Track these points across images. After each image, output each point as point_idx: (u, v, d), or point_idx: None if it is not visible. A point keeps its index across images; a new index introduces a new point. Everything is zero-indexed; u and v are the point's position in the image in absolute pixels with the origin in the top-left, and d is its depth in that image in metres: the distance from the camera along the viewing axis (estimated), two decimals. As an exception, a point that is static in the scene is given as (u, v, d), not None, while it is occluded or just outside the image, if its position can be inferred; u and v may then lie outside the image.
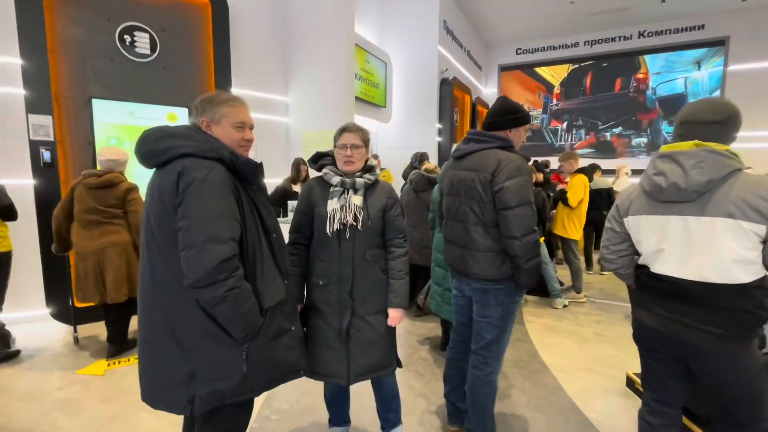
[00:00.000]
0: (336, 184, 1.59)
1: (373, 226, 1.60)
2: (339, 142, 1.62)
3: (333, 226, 1.55)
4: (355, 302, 1.60)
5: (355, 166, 1.61)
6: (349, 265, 1.59)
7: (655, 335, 1.45)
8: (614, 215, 1.55)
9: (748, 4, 7.41)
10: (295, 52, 4.72)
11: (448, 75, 7.28)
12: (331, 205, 1.57)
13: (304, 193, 1.69)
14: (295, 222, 1.69)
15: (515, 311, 1.79)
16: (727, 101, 1.31)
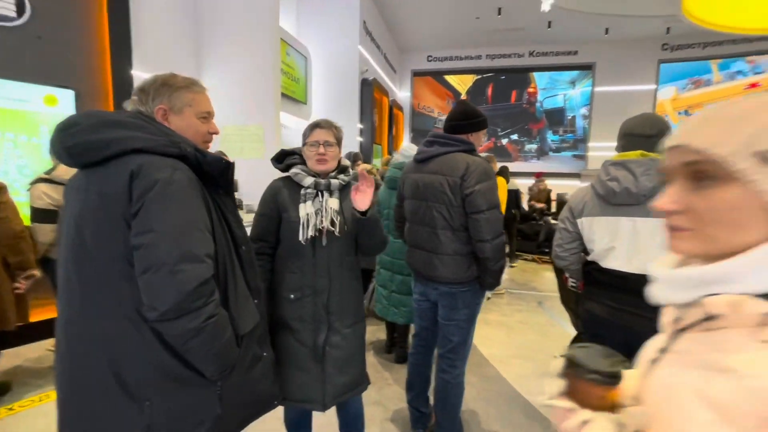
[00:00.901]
0: (309, 185, 1.43)
1: (350, 230, 1.48)
2: (310, 139, 1.45)
3: (307, 233, 1.39)
4: (332, 316, 1.46)
5: (329, 165, 1.47)
6: (326, 275, 1.44)
7: (605, 324, 1.61)
8: (567, 216, 1.69)
9: (610, 37, 8.97)
10: (208, 34, 4.22)
11: (368, 76, 7.31)
12: (304, 209, 1.40)
13: (268, 195, 1.49)
14: (259, 229, 1.48)
15: (479, 311, 1.84)
16: (659, 117, 1.53)
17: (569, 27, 8.59)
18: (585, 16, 7.83)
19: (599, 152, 9.77)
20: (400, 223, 2.02)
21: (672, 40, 9.13)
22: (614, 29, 8.56)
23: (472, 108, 1.79)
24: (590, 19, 7.98)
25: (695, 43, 9.07)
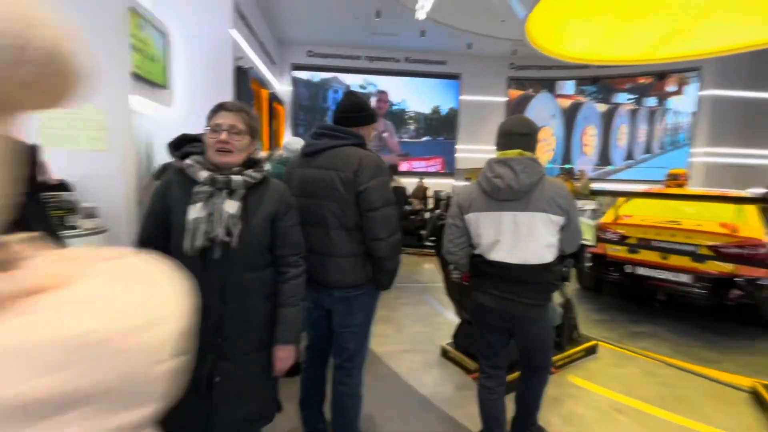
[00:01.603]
0: (203, 181, 1.13)
1: (257, 241, 1.22)
2: (211, 123, 1.17)
3: (194, 242, 1.09)
4: (225, 342, 1.19)
5: (233, 158, 1.19)
6: (217, 296, 1.17)
7: (491, 312, 1.71)
8: (456, 213, 1.74)
9: (472, 52, 10.11)
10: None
11: (244, 64, 6.69)
12: (193, 212, 1.10)
13: (157, 191, 1.18)
14: (145, 232, 1.19)
15: (374, 314, 1.76)
16: (530, 119, 1.67)
17: (439, 38, 9.38)
18: (452, 30, 8.65)
19: (466, 154, 10.97)
20: None
21: (517, 61, 10.78)
22: (476, 45, 9.66)
23: (361, 100, 1.70)
24: (456, 34, 8.85)
25: (534, 65, 10.89)
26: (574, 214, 1.59)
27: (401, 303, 4.20)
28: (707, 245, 3.44)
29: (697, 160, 9.82)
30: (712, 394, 2.57)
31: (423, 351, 3.07)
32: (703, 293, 3.50)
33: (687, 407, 2.41)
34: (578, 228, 1.61)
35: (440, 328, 3.49)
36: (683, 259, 3.54)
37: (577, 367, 2.89)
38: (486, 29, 8.60)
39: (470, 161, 10.42)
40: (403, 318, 3.80)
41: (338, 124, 1.65)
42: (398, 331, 3.47)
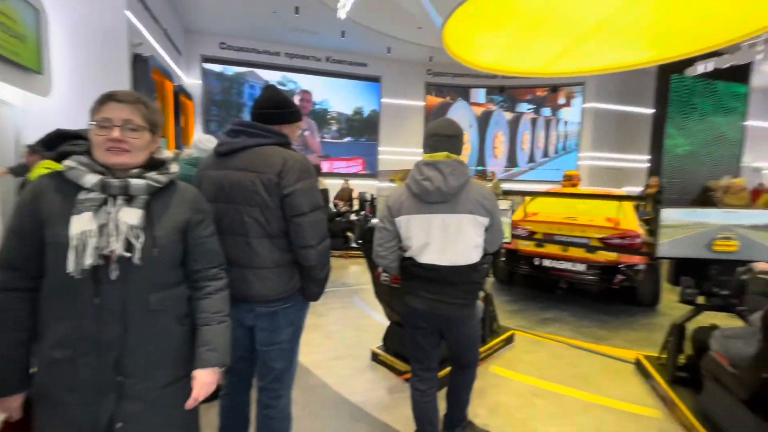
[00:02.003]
0: (91, 187, 0.92)
1: (165, 255, 1.02)
2: (98, 116, 0.95)
3: (82, 261, 0.88)
4: (128, 379, 0.98)
5: (130, 158, 0.98)
6: (118, 323, 0.96)
7: (422, 315, 1.71)
8: (386, 216, 1.71)
9: (392, 56, 10.35)
10: None
11: (143, 51, 5.93)
12: (78, 224, 0.89)
13: (25, 202, 0.94)
14: (8, 252, 0.94)
15: (304, 327, 1.64)
16: (455, 122, 1.70)
17: (360, 40, 9.42)
18: (372, 33, 8.75)
19: (388, 155, 11.19)
20: None
21: (434, 67, 11.33)
22: (394, 49, 9.90)
23: (284, 96, 1.57)
24: (376, 37, 8.97)
25: (449, 73, 11.54)
26: (497, 214, 1.66)
27: (329, 308, 4.08)
28: (597, 237, 3.94)
29: (583, 163, 11.33)
30: (606, 369, 2.93)
31: (353, 356, 3.01)
32: (594, 279, 3.99)
33: (588, 384, 2.71)
34: (501, 228, 1.69)
35: (370, 332, 3.46)
36: (579, 250, 4.01)
37: (497, 357, 3.08)
38: (404, 35, 8.86)
39: (392, 163, 10.66)
40: (331, 324, 3.69)
41: (258, 121, 1.50)
42: (326, 338, 3.35)
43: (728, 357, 1.97)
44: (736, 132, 9.43)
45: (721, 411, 2.03)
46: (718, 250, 2.56)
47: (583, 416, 2.33)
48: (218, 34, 9.41)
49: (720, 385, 2.04)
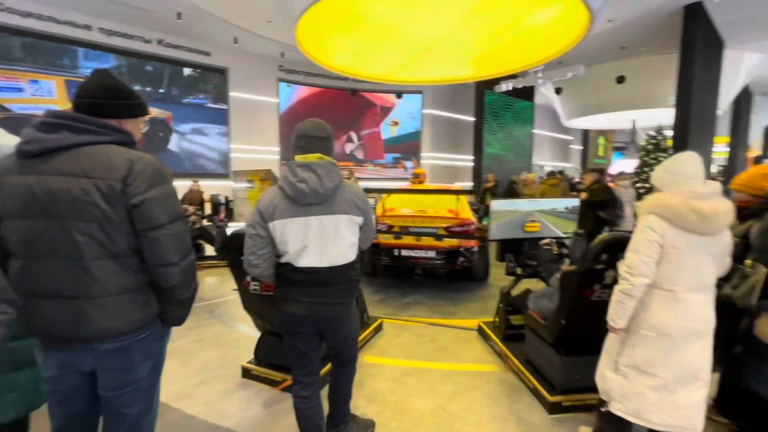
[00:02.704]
0: None
1: None
2: None
3: None
4: None
5: None
6: None
7: (302, 320, 1.68)
8: (258, 221, 1.61)
9: (239, 47, 9.61)
10: None
11: None
12: None
13: None
14: None
15: (164, 357, 1.41)
16: (325, 123, 1.71)
17: (201, 25, 8.42)
18: (215, 20, 7.93)
19: (241, 154, 10.40)
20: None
21: (286, 64, 11.04)
22: (242, 40, 9.22)
23: (121, 83, 1.28)
24: (220, 24, 8.17)
25: (301, 71, 11.43)
26: (370, 213, 1.75)
27: (185, 328, 3.54)
28: (443, 227, 4.56)
29: (425, 162, 12.87)
30: (458, 339, 3.43)
31: (220, 378, 2.72)
32: (442, 263, 4.62)
33: (446, 354, 3.13)
34: (373, 225, 1.80)
35: (237, 347, 3.19)
36: (429, 239, 4.56)
37: (370, 346, 3.26)
38: (252, 26, 8.34)
39: (246, 162, 9.96)
40: (190, 346, 3.25)
41: (85, 113, 1.19)
42: (186, 364, 2.94)
43: (540, 312, 2.57)
44: (527, 138, 12.22)
45: (537, 355, 2.63)
46: (528, 231, 3.30)
47: (444, 384, 2.68)
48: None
49: (536, 335, 2.65)
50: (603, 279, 2.12)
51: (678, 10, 7.45)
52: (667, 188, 1.69)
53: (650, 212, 1.67)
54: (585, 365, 2.23)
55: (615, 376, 1.83)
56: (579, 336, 2.32)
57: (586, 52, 9.11)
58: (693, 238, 1.61)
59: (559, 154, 18.99)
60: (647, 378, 1.72)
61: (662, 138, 7.31)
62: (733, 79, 10.32)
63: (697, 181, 1.64)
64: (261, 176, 4.46)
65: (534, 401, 2.46)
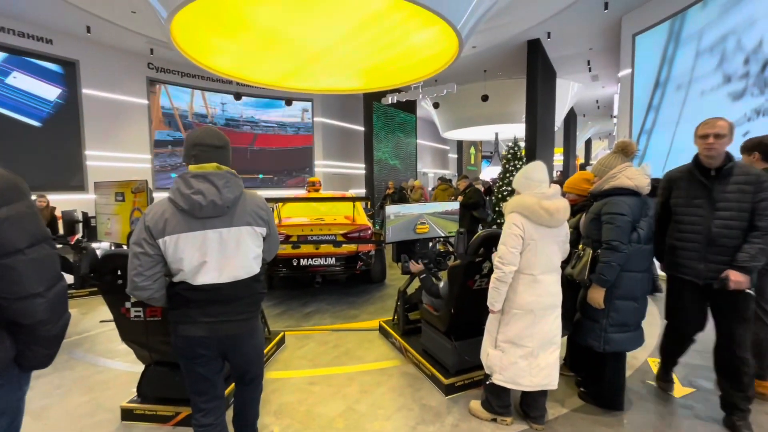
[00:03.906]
0: None
1: None
2: None
3: None
4: None
5: None
6: None
7: (202, 342, 1.57)
8: (145, 238, 1.45)
9: (94, 38, 8.20)
10: None
11: None
12: None
13: None
14: None
15: (23, 410, 1.17)
16: (220, 131, 1.63)
17: (38, 7, 6.95)
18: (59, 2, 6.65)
19: (97, 162, 8.86)
20: None
21: (156, 62, 9.83)
22: (97, 31, 7.91)
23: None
24: (67, 9, 6.88)
25: (176, 70, 10.32)
26: (274, 223, 1.73)
27: (36, 376, 2.89)
28: (341, 233, 4.66)
29: (318, 170, 12.86)
30: (361, 341, 3.55)
31: (91, 426, 2.31)
32: (342, 269, 4.71)
33: (350, 357, 3.22)
34: (277, 236, 1.77)
35: (110, 387, 2.74)
36: (328, 246, 4.61)
37: (273, 361, 3.15)
38: (110, 15, 7.24)
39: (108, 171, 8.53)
40: (42, 397, 2.66)
41: None
42: (38, 419, 2.40)
43: (432, 305, 2.85)
44: (412, 148, 13.23)
45: (433, 344, 2.90)
46: (419, 232, 3.62)
47: (349, 386, 2.75)
48: None
49: (430, 326, 2.92)
50: (481, 270, 2.48)
51: (523, 43, 9.03)
52: (524, 191, 2.08)
53: (513, 211, 2.04)
54: (471, 347, 2.56)
55: (495, 352, 2.15)
56: (466, 321, 2.65)
57: (457, 72, 10.34)
58: (544, 230, 2.02)
59: (439, 162, 20.98)
60: (519, 349, 2.08)
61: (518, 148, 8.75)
62: (563, 102, 12.93)
63: (545, 184, 2.06)
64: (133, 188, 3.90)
65: (432, 386, 2.71)
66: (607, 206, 2.16)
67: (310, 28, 5.29)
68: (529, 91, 9.16)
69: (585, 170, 2.85)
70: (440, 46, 5.89)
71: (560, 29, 8.23)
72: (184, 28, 4.99)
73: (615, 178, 2.20)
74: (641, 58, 7.21)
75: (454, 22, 4.70)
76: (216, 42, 5.85)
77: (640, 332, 2.30)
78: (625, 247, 2.08)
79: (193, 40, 5.70)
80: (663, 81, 6.65)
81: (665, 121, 6.56)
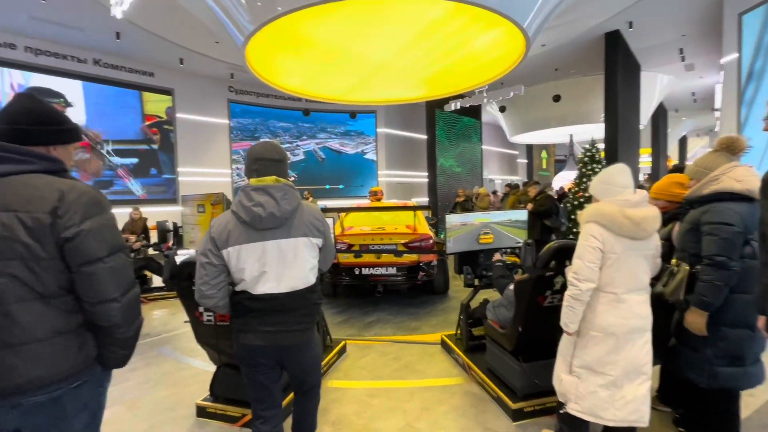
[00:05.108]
0: None
1: None
2: None
3: None
4: None
5: None
6: None
7: (261, 351, 1.61)
8: (211, 249, 1.54)
9: (186, 68, 9.30)
10: None
11: None
12: None
13: None
14: None
15: (105, 405, 1.28)
16: (280, 145, 1.69)
17: (142, 46, 8.07)
18: (157, 40, 7.65)
19: (188, 177, 9.93)
20: None
21: (236, 85, 10.82)
22: (188, 61, 8.94)
23: (49, 107, 1.19)
24: (164, 45, 7.89)
25: (253, 92, 11.26)
26: (329, 234, 1.74)
27: (128, 370, 3.27)
28: (402, 243, 4.61)
29: (382, 179, 13.04)
30: (422, 354, 3.44)
31: (173, 420, 2.51)
32: (403, 279, 4.65)
33: (411, 371, 3.12)
34: (333, 247, 1.78)
35: (191, 384, 2.97)
36: (389, 256, 4.59)
37: (334, 370, 3.18)
38: (199, 47, 8.14)
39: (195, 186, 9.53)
40: (135, 388, 2.98)
41: (7, 140, 1.09)
42: (131, 409, 2.68)
43: (499, 322, 2.65)
44: (476, 153, 12.82)
45: (499, 363, 2.70)
46: (483, 242, 3.43)
47: (410, 401, 2.66)
48: None
49: (496, 344, 2.72)
50: (553, 285, 2.25)
51: (600, 37, 8.29)
52: (604, 197, 1.84)
53: (590, 221, 1.81)
54: (543, 369, 2.32)
55: (569, 378, 1.92)
56: (535, 341, 2.42)
57: (525, 73, 9.83)
58: (628, 242, 1.76)
59: (507, 168, 20.06)
60: (598, 377, 1.82)
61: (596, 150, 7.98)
62: (650, 97, 11.59)
63: (629, 190, 1.80)
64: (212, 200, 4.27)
65: (498, 410, 2.51)
66: (709, 214, 1.83)
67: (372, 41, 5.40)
68: (609, 88, 8.36)
69: (677, 173, 2.47)
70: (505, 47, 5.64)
71: (644, 17, 7.41)
72: (257, 52, 5.41)
73: (717, 181, 1.86)
74: (748, 41, 6.20)
75: (520, 21, 4.46)
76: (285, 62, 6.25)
77: (760, 367, 1.89)
78: (734, 264, 1.73)
79: (265, 62, 6.16)
80: (758, 71, 5.66)
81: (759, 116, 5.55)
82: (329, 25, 4.82)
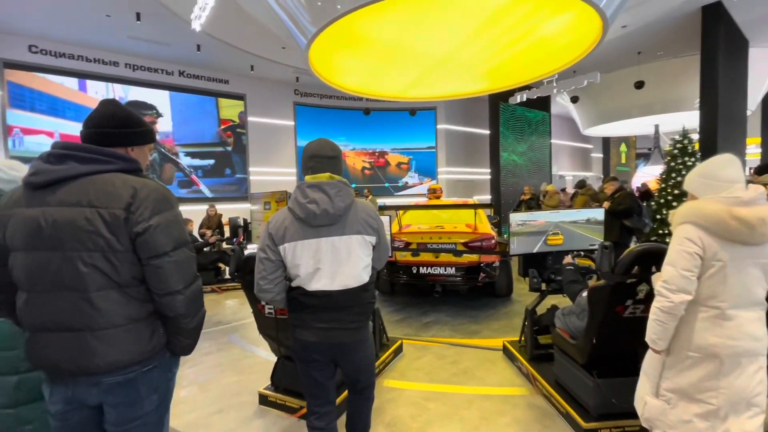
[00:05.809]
0: None
1: None
2: None
3: None
4: None
5: None
6: None
7: (315, 347, 1.61)
8: (268, 245, 1.57)
9: (256, 74, 9.94)
10: None
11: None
12: None
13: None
14: None
15: (173, 388, 1.36)
16: (334, 142, 1.68)
17: (218, 55, 8.77)
18: (232, 50, 8.25)
19: (258, 177, 10.61)
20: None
21: (301, 88, 11.32)
22: (258, 68, 9.54)
23: (128, 112, 1.29)
24: (237, 54, 8.48)
25: (316, 93, 11.69)
26: (383, 232, 1.69)
27: (203, 354, 3.56)
28: (461, 242, 4.44)
29: (442, 177, 12.79)
30: (481, 360, 3.27)
31: (237, 406, 2.66)
32: (462, 279, 4.47)
33: (469, 377, 2.98)
34: (388, 245, 1.73)
35: (255, 372, 3.13)
36: (448, 255, 4.44)
37: (390, 369, 3.14)
38: (268, 53, 8.62)
39: (264, 184, 10.15)
40: (207, 371, 3.22)
41: (93, 142, 1.20)
42: (202, 391, 2.89)
43: (569, 331, 2.41)
44: (545, 148, 12.00)
45: (568, 377, 2.46)
46: (551, 244, 3.15)
47: (468, 409, 2.53)
48: (26, 33, 7.52)
49: (566, 355, 2.48)
50: (636, 294, 1.98)
51: (696, 12, 7.26)
52: (704, 194, 1.56)
53: (686, 221, 1.54)
54: (622, 388, 2.06)
55: (657, 402, 1.66)
56: (613, 356, 2.15)
57: (600, 59, 8.97)
58: (738, 249, 1.47)
59: (579, 163, 18.57)
60: (695, 405, 1.55)
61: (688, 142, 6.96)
62: (762, 77, 9.92)
63: (739, 185, 1.51)
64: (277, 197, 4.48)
65: (567, 427, 2.28)
66: None
67: (432, 35, 5.27)
68: (706, 70, 7.30)
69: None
70: (578, 31, 5.15)
71: (754, -17, 6.33)
72: (318, 53, 5.56)
73: None
74: None
75: (597, 1, 4.03)
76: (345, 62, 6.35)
77: None
78: None
79: (326, 63, 6.32)
80: None
81: None
82: (388, 21, 4.78)
